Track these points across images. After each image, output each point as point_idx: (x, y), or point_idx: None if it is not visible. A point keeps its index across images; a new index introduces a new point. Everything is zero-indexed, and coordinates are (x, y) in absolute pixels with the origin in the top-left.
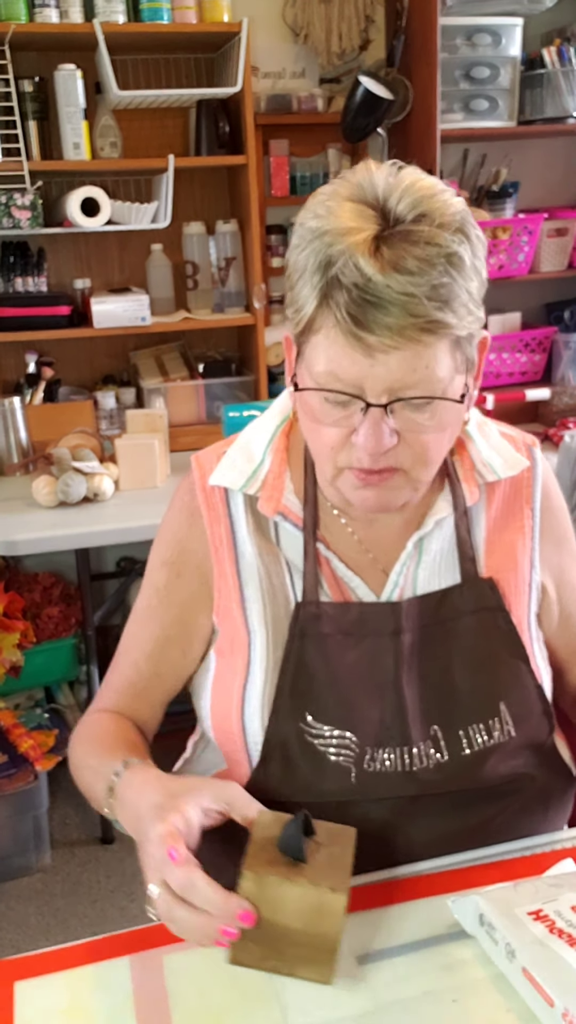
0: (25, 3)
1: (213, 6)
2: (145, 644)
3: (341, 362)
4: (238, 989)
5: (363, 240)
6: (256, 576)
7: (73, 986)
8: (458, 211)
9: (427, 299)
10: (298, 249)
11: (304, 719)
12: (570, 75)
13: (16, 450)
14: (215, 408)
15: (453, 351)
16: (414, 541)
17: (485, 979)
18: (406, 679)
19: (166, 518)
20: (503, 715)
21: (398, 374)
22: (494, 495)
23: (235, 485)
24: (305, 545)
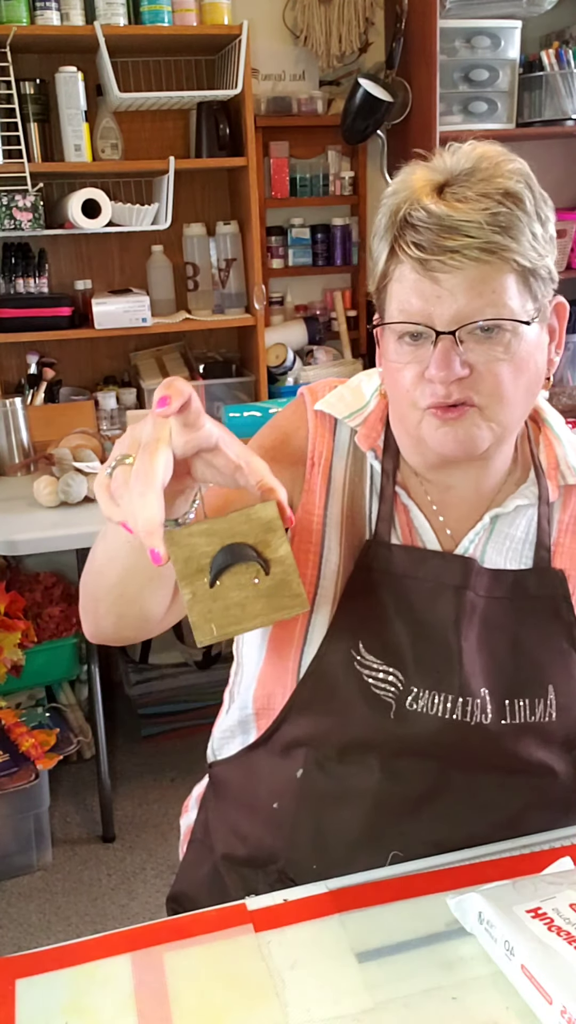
0: (26, 5)
1: (213, 9)
2: (217, 498)
3: (411, 298)
4: (239, 987)
5: (427, 185)
6: (340, 501)
7: (74, 984)
8: (519, 168)
9: (486, 224)
10: (378, 215)
11: (357, 647)
12: (568, 77)
13: (17, 450)
14: (215, 409)
15: (520, 285)
16: (491, 515)
17: (484, 977)
18: (465, 634)
19: (278, 416)
20: (549, 697)
21: (463, 299)
22: (571, 498)
23: (340, 414)
24: (383, 487)
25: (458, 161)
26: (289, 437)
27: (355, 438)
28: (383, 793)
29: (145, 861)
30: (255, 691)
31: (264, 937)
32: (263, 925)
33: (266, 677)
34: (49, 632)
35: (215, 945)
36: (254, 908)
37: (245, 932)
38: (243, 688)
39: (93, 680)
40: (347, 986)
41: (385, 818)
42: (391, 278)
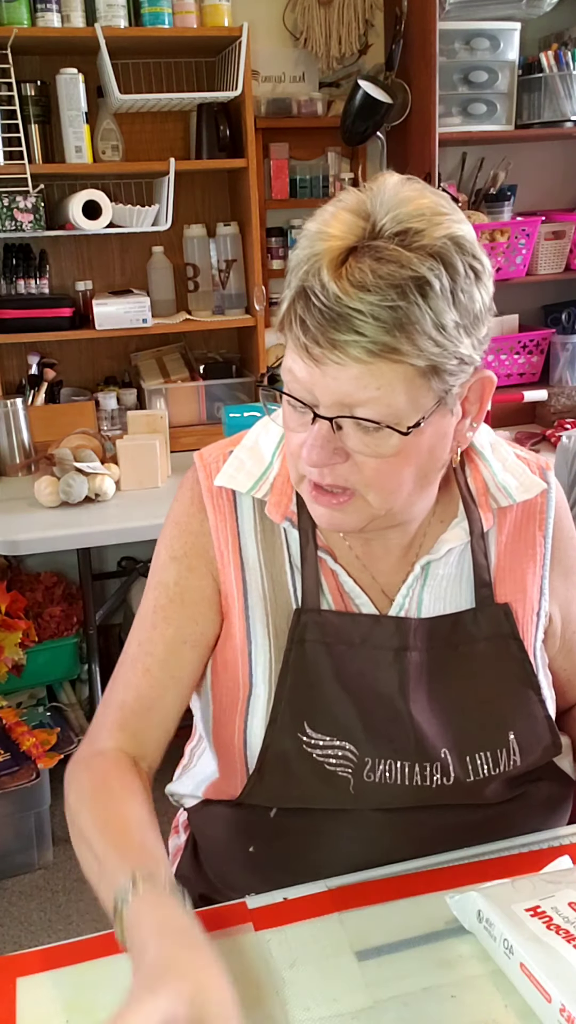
0: (27, 7)
1: (214, 11)
2: (157, 648)
3: (298, 364)
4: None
5: (333, 248)
6: (259, 582)
7: (75, 982)
8: (448, 236)
9: (375, 319)
10: (295, 248)
11: (302, 728)
12: (567, 79)
13: (18, 450)
14: (215, 409)
15: (413, 381)
16: (421, 564)
17: (483, 975)
18: (413, 696)
19: (173, 515)
20: (511, 745)
21: (347, 389)
22: (506, 520)
23: (243, 488)
24: (303, 550)
25: (388, 213)
26: (195, 539)
27: (265, 510)
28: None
29: None
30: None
31: (264, 936)
32: (263, 924)
33: (220, 762)
34: (50, 632)
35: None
36: (254, 907)
37: (245, 931)
38: (202, 760)
39: (94, 679)
40: (346, 984)
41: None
42: (287, 326)
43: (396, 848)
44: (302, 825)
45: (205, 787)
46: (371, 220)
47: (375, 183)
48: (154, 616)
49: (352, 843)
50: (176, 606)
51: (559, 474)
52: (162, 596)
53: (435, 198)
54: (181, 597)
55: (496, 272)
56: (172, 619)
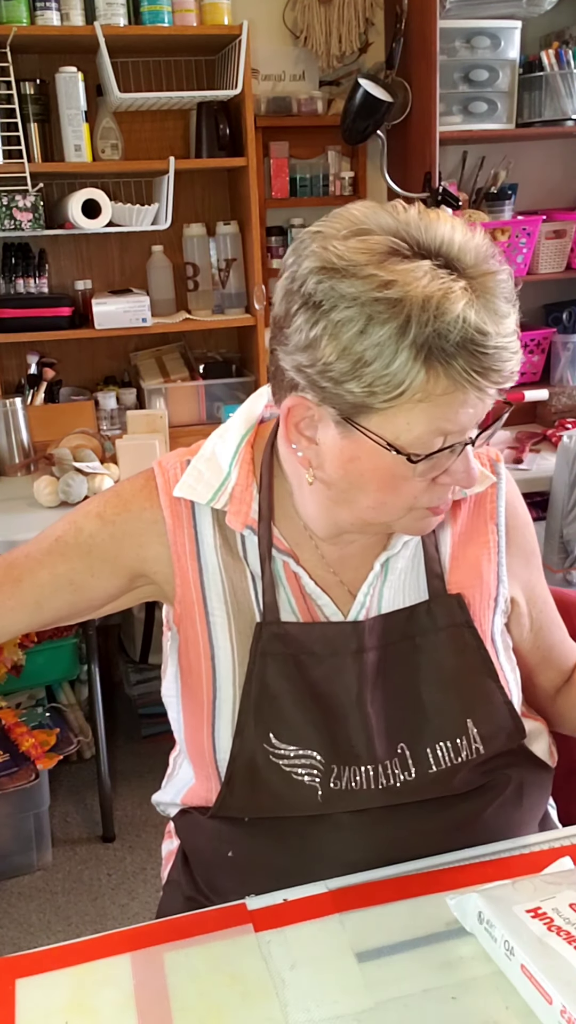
0: (26, 5)
1: (213, 9)
2: (42, 571)
3: (456, 418)
4: (239, 986)
5: (460, 295)
6: (220, 590)
7: (74, 983)
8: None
9: (514, 336)
10: (374, 327)
11: (268, 739)
12: (568, 78)
13: (17, 450)
14: (215, 409)
15: None
16: (381, 561)
17: (484, 977)
18: (370, 698)
19: (118, 488)
20: (471, 733)
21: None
22: (459, 511)
23: (202, 499)
24: (261, 561)
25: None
26: (134, 516)
27: (225, 520)
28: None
29: (145, 861)
30: (191, 772)
31: (264, 937)
32: (263, 925)
33: (195, 767)
34: (49, 632)
35: (215, 945)
36: (254, 908)
37: (245, 932)
38: (182, 768)
39: (93, 680)
40: (347, 986)
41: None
42: (416, 397)
43: (374, 849)
44: (276, 831)
45: (183, 794)
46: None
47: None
48: (54, 544)
49: (329, 846)
50: (81, 551)
51: (560, 474)
52: (71, 534)
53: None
54: (88, 549)
55: None
56: (70, 558)
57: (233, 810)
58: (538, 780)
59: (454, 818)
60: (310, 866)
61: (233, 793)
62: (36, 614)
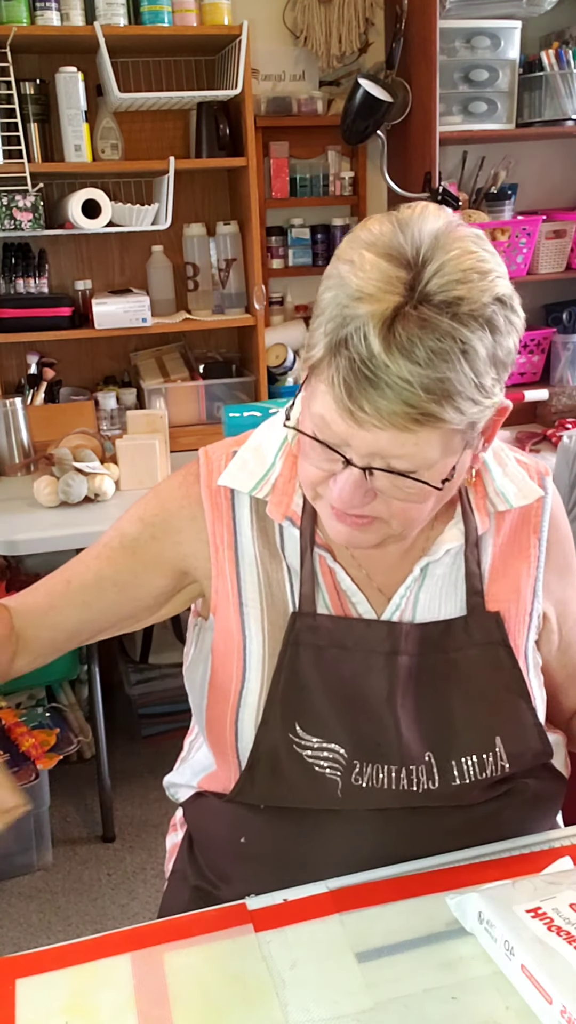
0: (26, 5)
1: (213, 9)
2: (88, 573)
3: (333, 415)
4: (239, 986)
5: (379, 312)
6: (256, 580)
7: (74, 983)
8: (493, 299)
9: (425, 391)
10: (328, 287)
11: (293, 729)
12: (568, 78)
13: (18, 450)
14: (215, 409)
15: (448, 437)
16: (421, 566)
17: (484, 977)
18: (401, 701)
19: (159, 489)
20: (498, 750)
21: (384, 445)
22: (503, 522)
23: (245, 487)
24: (302, 552)
25: (430, 266)
26: (171, 515)
27: (266, 510)
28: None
29: (145, 861)
30: (210, 758)
31: (264, 937)
32: (263, 925)
33: (215, 755)
34: None
35: (215, 945)
36: (254, 908)
37: (245, 932)
38: (200, 752)
39: (93, 680)
40: (347, 986)
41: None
42: (322, 376)
43: (386, 847)
44: (292, 820)
45: (201, 778)
46: (414, 275)
47: (413, 220)
48: (101, 550)
49: (342, 840)
50: (125, 554)
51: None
52: (115, 540)
53: (480, 251)
54: (132, 551)
55: None
56: (115, 561)
57: (252, 797)
58: (553, 791)
59: (470, 821)
60: (321, 857)
61: (254, 780)
62: (84, 611)
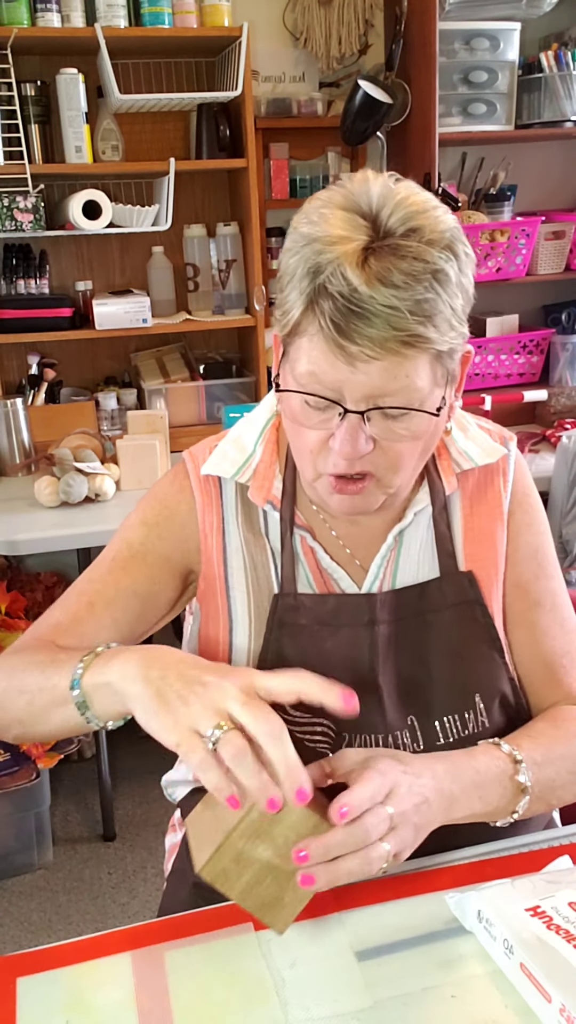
0: (27, 7)
1: (214, 11)
2: (108, 589)
3: (322, 366)
4: (239, 985)
5: (352, 250)
6: (242, 566)
7: (75, 982)
8: (449, 228)
9: (410, 313)
10: (290, 253)
11: (282, 707)
12: (567, 79)
13: (18, 450)
14: (215, 409)
15: (434, 364)
16: (394, 534)
17: (483, 975)
18: (382, 669)
19: (153, 491)
20: (477, 706)
21: (378, 382)
22: (468, 484)
23: (227, 473)
24: (282, 536)
25: (385, 208)
26: (172, 512)
27: (248, 494)
28: None
29: (146, 860)
30: None
31: (264, 935)
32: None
33: None
34: None
35: (215, 944)
36: None
37: (245, 931)
38: None
39: None
40: (346, 984)
41: None
42: (304, 332)
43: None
44: None
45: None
46: (373, 219)
47: (356, 181)
48: (111, 564)
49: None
50: (137, 562)
51: (559, 474)
52: (124, 550)
53: (424, 193)
54: (144, 557)
55: (496, 272)
56: (130, 571)
57: None
58: None
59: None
60: None
61: None
62: (115, 630)
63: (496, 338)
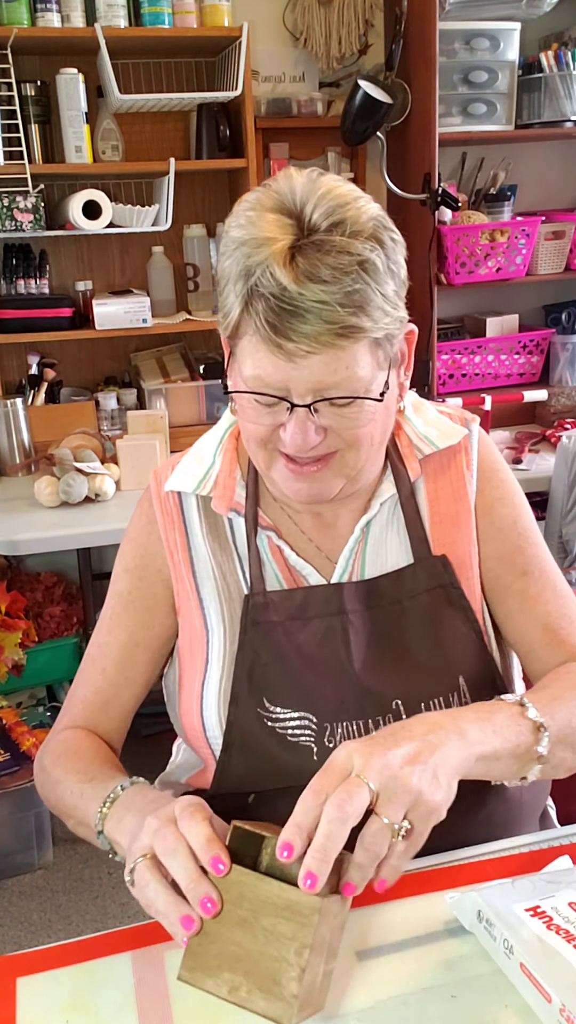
0: (27, 7)
1: (214, 11)
2: (113, 651)
3: (265, 367)
4: None
5: (279, 250)
6: (211, 576)
7: (75, 982)
8: (372, 217)
9: (340, 306)
10: (224, 256)
11: (263, 705)
12: (567, 79)
13: (18, 451)
14: (215, 409)
15: (373, 351)
16: (361, 525)
17: (483, 975)
18: (359, 657)
19: (128, 531)
20: (461, 688)
21: (320, 375)
22: (433, 466)
23: (188, 488)
24: (247, 538)
25: (308, 204)
26: (145, 549)
27: (211, 505)
28: None
29: None
30: (196, 757)
31: None
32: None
33: (197, 755)
34: (50, 632)
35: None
36: None
37: None
38: (186, 752)
39: None
40: (346, 984)
41: None
42: (244, 333)
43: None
44: (279, 809)
45: (189, 776)
46: (298, 216)
47: (281, 180)
48: (110, 623)
49: None
50: (129, 613)
51: (559, 474)
52: (117, 604)
53: (347, 185)
54: (133, 605)
55: (496, 272)
56: (126, 625)
57: (233, 779)
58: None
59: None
60: None
61: (231, 761)
62: (132, 686)
63: (496, 338)
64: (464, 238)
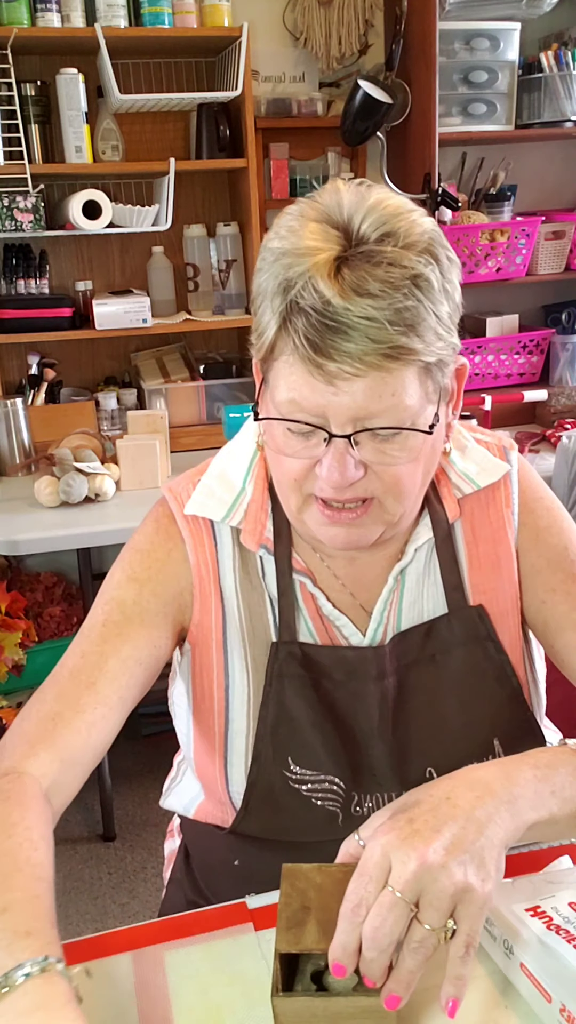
0: (27, 7)
1: (214, 11)
2: (108, 663)
3: (302, 390)
4: (239, 985)
5: (323, 261)
6: (236, 614)
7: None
8: (426, 231)
9: (390, 323)
10: (261, 271)
11: (286, 764)
12: (567, 79)
13: (18, 450)
14: (215, 409)
15: (422, 378)
16: (395, 574)
17: (483, 975)
18: (395, 722)
19: (133, 542)
20: (496, 750)
21: (362, 402)
22: (473, 507)
23: (216, 516)
24: (279, 581)
25: (357, 215)
26: (163, 562)
27: (240, 538)
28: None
29: (145, 860)
30: (199, 786)
31: (264, 935)
32: (263, 923)
33: (205, 789)
34: (50, 632)
35: (215, 943)
36: (254, 906)
37: (245, 930)
38: (188, 777)
39: None
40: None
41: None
42: (280, 354)
43: None
44: (288, 846)
45: (195, 809)
46: (346, 227)
47: (327, 192)
48: (104, 630)
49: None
50: (134, 625)
51: (559, 474)
52: (116, 612)
53: (398, 197)
54: (140, 618)
55: (496, 272)
56: (128, 637)
57: (251, 830)
58: None
59: None
60: None
61: (250, 816)
62: (122, 709)
63: (496, 338)
64: (464, 238)
